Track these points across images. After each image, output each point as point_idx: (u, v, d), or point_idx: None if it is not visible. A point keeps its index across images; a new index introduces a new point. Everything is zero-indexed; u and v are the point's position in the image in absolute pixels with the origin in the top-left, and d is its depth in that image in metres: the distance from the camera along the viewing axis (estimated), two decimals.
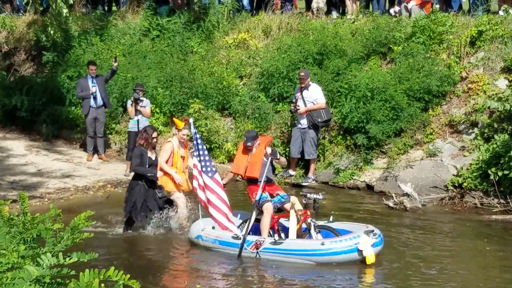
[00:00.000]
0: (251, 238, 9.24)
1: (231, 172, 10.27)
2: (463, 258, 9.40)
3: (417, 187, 12.50)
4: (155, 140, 10.55)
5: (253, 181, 9.57)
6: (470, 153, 12.92)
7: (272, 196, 9.55)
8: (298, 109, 13.57)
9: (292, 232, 9.22)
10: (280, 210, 9.69)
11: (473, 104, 13.51)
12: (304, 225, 9.37)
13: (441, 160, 13.16)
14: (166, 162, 10.61)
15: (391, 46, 14.97)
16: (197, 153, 9.76)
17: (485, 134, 12.90)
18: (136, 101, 13.93)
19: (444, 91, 13.91)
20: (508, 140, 11.96)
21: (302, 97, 13.59)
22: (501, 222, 11.09)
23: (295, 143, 13.77)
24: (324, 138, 14.35)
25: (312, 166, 13.87)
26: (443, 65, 14.24)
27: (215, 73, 16.03)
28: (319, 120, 13.52)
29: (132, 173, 10.83)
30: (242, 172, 9.71)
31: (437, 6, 15.66)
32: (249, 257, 9.14)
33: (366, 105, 13.71)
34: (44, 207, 10.71)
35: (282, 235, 9.42)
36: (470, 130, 13.40)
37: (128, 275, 2.98)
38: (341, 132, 14.41)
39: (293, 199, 9.44)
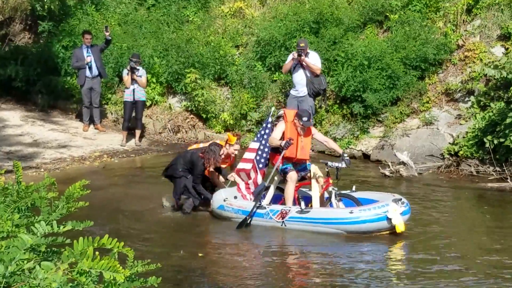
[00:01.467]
0: (277, 207, 9.08)
1: (285, 156, 9.25)
2: (463, 225, 9.39)
3: (413, 155, 12.54)
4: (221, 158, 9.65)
5: (276, 149, 9.30)
6: (466, 121, 12.94)
7: (295, 165, 9.33)
8: (302, 57, 13.12)
9: (315, 201, 9.05)
10: (302, 179, 9.48)
11: (470, 72, 13.49)
12: (325, 194, 9.26)
13: (437, 129, 13.18)
14: None
15: (387, 14, 14.90)
16: (260, 142, 9.62)
17: (481, 102, 12.92)
18: (132, 71, 13.92)
19: (441, 59, 13.90)
20: (504, 108, 11.96)
21: (301, 64, 13.47)
22: (497, 190, 11.14)
23: None
24: (320, 107, 14.32)
25: None
26: (440, 33, 14.20)
27: (212, 42, 15.95)
28: (321, 88, 13.39)
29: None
30: (294, 155, 9.25)
31: None
32: (258, 225, 9.01)
33: (362, 73, 13.68)
34: (40, 177, 10.70)
35: (302, 203, 9.10)
36: (466, 98, 13.41)
37: (122, 243, 2.98)
38: (338, 101, 14.40)
39: (314, 167, 9.25)
